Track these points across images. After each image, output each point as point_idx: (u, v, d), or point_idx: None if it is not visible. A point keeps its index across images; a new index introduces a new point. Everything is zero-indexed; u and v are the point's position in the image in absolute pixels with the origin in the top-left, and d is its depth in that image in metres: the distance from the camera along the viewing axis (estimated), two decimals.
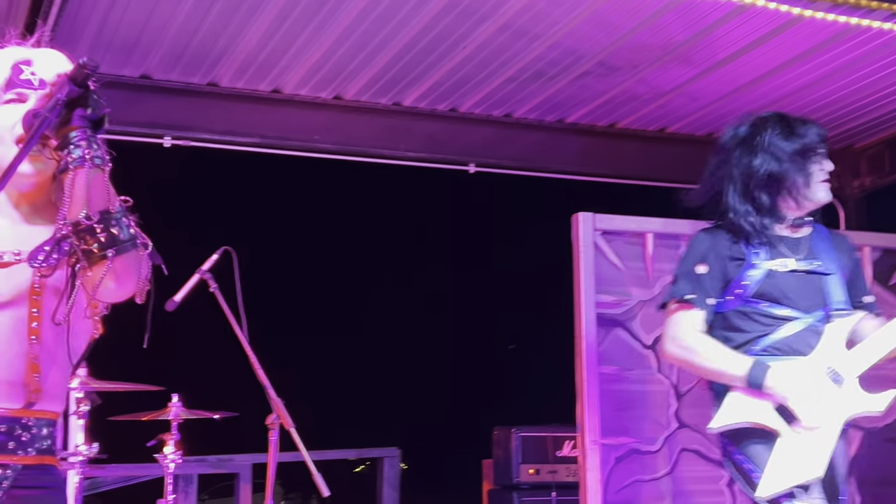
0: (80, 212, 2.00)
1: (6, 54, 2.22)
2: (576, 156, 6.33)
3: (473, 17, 4.88)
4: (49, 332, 2.14)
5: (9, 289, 2.13)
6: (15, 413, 2.12)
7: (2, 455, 2.09)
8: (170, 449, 4.72)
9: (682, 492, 5.06)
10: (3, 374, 2.11)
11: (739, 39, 5.16)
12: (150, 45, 5.13)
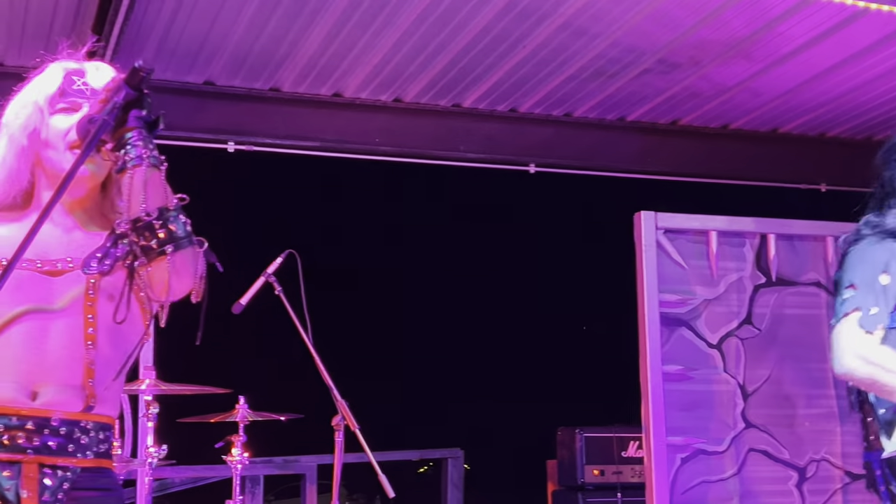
0: (138, 209, 2.04)
1: (59, 65, 2.30)
2: (637, 154, 6.30)
3: (532, 17, 4.89)
4: (104, 337, 2.19)
5: (64, 296, 2.17)
6: (74, 416, 2.16)
7: (62, 457, 2.13)
8: (237, 450, 4.77)
9: (750, 492, 5.03)
10: (61, 379, 2.15)
11: (803, 34, 5.10)
12: (214, 51, 5.20)
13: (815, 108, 6.05)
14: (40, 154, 2.24)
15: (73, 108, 2.23)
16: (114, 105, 2.03)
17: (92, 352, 2.17)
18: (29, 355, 2.14)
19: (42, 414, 2.13)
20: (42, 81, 2.28)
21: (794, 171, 6.51)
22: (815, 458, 5.16)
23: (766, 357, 5.15)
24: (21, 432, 2.11)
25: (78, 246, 2.21)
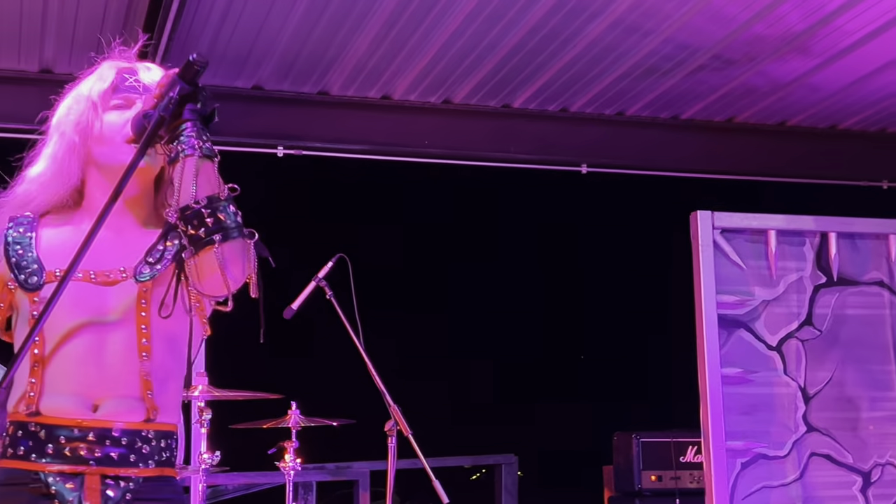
0: (190, 197, 2.02)
1: (111, 63, 2.32)
2: (692, 153, 6.27)
3: (583, 14, 4.87)
4: (159, 347, 2.19)
5: (117, 307, 2.18)
6: (135, 426, 2.16)
7: (124, 468, 2.14)
8: (289, 457, 4.80)
9: (813, 497, 4.97)
10: (121, 392, 2.15)
11: (861, 28, 5.04)
12: (262, 56, 5.25)
13: (875, 102, 6.00)
14: (93, 151, 2.24)
15: (127, 104, 2.24)
16: (169, 100, 2.03)
17: (147, 363, 2.17)
18: (88, 370, 2.14)
19: (103, 425, 2.13)
20: (95, 79, 2.29)
21: (854, 168, 6.45)
22: (880, 463, 5.10)
23: (827, 359, 5.09)
24: (83, 444, 2.12)
25: (131, 250, 2.21)
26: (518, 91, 5.76)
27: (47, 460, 2.11)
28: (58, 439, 2.11)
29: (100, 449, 2.12)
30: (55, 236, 2.23)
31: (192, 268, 2.05)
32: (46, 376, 2.13)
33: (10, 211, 2.27)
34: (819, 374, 5.07)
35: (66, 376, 2.13)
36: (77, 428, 2.12)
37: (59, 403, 2.13)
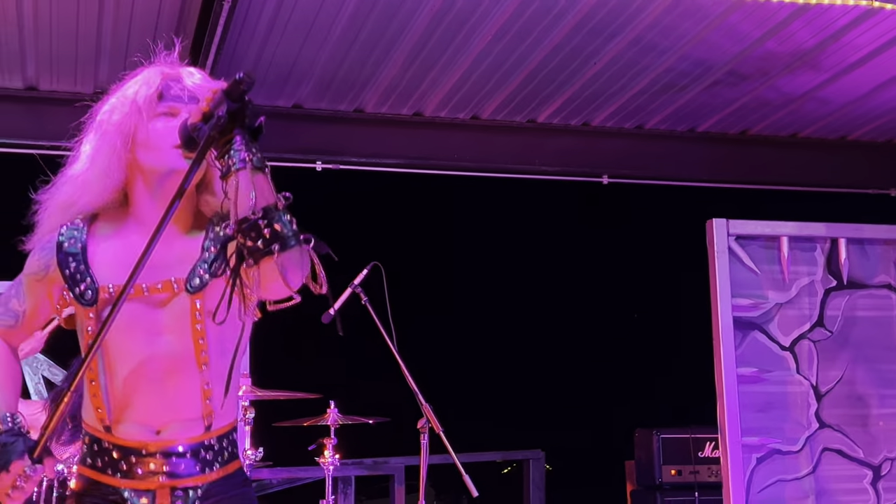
0: (246, 210, 1.95)
1: (156, 69, 2.25)
2: (708, 163, 6.25)
3: (604, 33, 4.87)
4: (215, 355, 2.17)
5: (171, 322, 2.15)
6: (197, 439, 2.17)
7: (191, 478, 2.15)
8: (329, 452, 4.81)
9: (826, 490, 4.94)
10: (183, 415, 2.15)
11: (869, 43, 5.01)
12: (301, 77, 5.28)
13: (883, 114, 5.96)
14: (138, 156, 2.18)
15: (172, 112, 2.18)
16: (217, 118, 1.97)
17: (206, 372, 2.16)
18: (151, 398, 2.14)
19: (168, 444, 2.14)
20: (140, 84, 2.22)
21: (863, 177, 6.41)
22: (890, 457, 5.07)
23: (838, 358, 5.06)
24: (152, 461, 2.13)
25: (179, 259, 2.16)
26: (542, 107, 5.76)
27: (121, 476, 2.13)
28: (129, 459, 2.13)
29: (167, 465, 2.14)
30: (106, 248, 2.19)
31: (254, 277, 2.00)
32: (112, 400, 2.14)
33: (57, 213, 2.22)
34: (830, 373, 5.04)
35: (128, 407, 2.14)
36: (144, 449, 2.13)
37: (127, 429, 2.14)
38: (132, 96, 2.19)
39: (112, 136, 2.17)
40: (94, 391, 2.14)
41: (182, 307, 2.14)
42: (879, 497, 5.01)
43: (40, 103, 5.36)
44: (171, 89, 2.20)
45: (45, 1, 4.47)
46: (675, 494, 5.66)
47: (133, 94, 2.19)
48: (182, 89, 2.20)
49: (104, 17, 4.62)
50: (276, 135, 5.58)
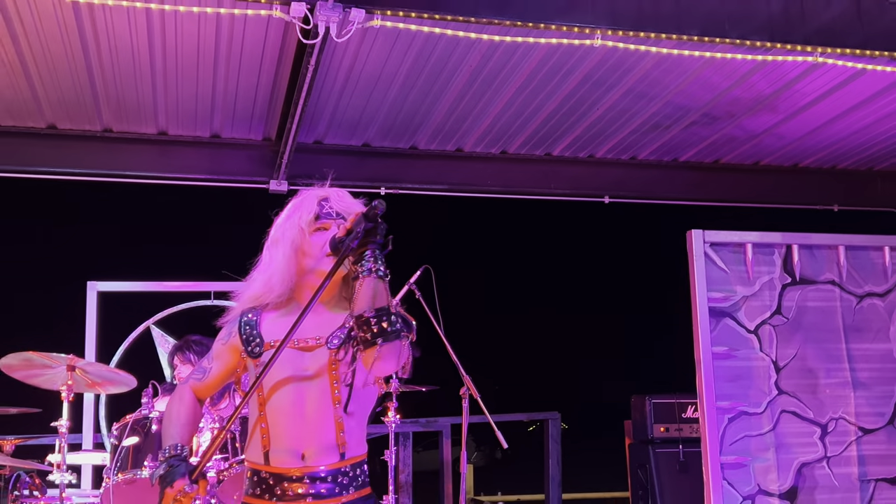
0: (364, 308, 2.07)
1: (313, 195, 2.34)
2: (688, 186, 6.23)
3: (604, 85, 4.88)
4: (346, 396, 2.19)
5: (314, 366, 2.20)
6: (335, 465, 2.18)
7: (332, 499, 2.17)
8: (391, 413, 4.83)
9: (783, 444, 4.90)
10: (321, 441, 2.18)
11: (816, 90, 4.98)
12: (368, 122, 5.32)
13: (827, 146, 5.91)
14: (302, 261, 2.26)
15: (325, 227, 2.27)
16: (356, 234, 2.10)
17: (339, 409, 2.18)
18: (292, 425, 2.17)
19: (312, 470, 2.17)
20: (301, 207, 2.31)
21: (811, 196, 6.36)
22: (834, 417, 5.01)
23: (792, 339, 5.01)
24: (300, 485, 2.16)
25: (324, 325, 2.23)
26: (556, 143, 5.77)
27: (276, 499, 2.17)
28: (282, 484, 2.17)
29: (312, 487, 2.16)
30: (273, 320, 2.27)
31: (360, 357, 2.12)
32: (271, 429, 2.19)
33: (248, 303, 2.31)
34: (787, 351, 5.00)
35: (281, 435, 2.18)
36: (294, 475, 2.16)
37: (280, 457, 2.18)
38: (297, 220, 2.29)
39: (287, 252, 2.27)
40: (261, 422, 2.20)
41: (323, 357, 2.20)
42: (826, 449, 4.95)
43: (168, 145, 5.45)
44: (324, 209, 2.29)
45: (173, 69, 4.56)
46: (664, 447, 5.63)
47: (297, 218, 2.29)
48: (331, 209, 2.29)
49: (217, 79, 4.70)
50: (350, 166, 5.65)
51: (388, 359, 2.09)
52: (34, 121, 5.16)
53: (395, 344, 2.08)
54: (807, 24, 4.11)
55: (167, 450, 2.20)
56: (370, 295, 2.08)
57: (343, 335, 2.20)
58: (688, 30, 3.99)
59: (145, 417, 3.72)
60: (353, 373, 2.18)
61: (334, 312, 2.26)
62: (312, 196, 2.33)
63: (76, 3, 3.84)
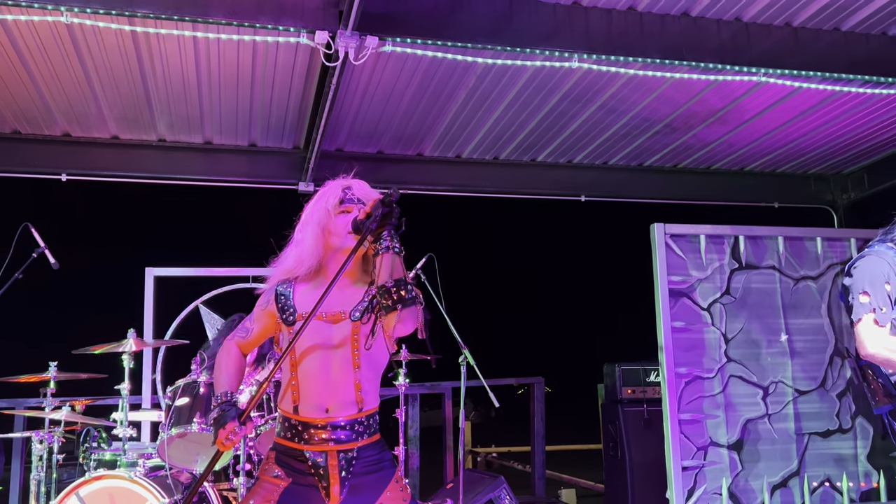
0: (385, 279, 2.10)
1: (338, 183, 2.35)
2: (652, 187, 6.22)
3: (581, 100, 4.87)
4: (364, 362, 2.22)
5: (338, 336, 2.22)
6: (352, 416, 2.21)
7: (349, 444, 2.20)
8: (401, 378, 4.84)
9: (731, 404, 4.90)
10: (342, 398, 2.20)
11: (760, 105, 4.97)
12: (382, 133, 5.32)
13: (769, 153, 5.90)
14: (328, 240, 2.28)
15: (348, 210, 2.28)
16: (374, 217, 2.13)
17: (358, 373, 2.20)
18: (319, 385, 2.19)
19: (334, 420, 2.19)
20: (328, 193, 2.33)
21: (755, 195, 6.36)
22: (774, 381, 5.01)
23: (739, 316, 5.02)
24: (324, 432, 2.19)
25: (348, 300, 2.24)
26: (540, 150, 5.76)
27: (304, 443, 2.20)
28: (308, 431, 2.19)
29: (333, 434, 2.19)
30: (304, 292, 2.28)
31: (383, 322, 2.14)
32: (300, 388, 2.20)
33: (281, 275, 2.32)
34: (734, 325, 5.00)
35: (309, 392, 2.20)
36: (319, 424, 2.19)
37: (307, 410, 2.20)
38: (324, 203, 2.31)
39: (315, 231, 2.28)
40: (293, 381, 2.21)
41: (346, 329, 2.22)
42: (767, 407, 4.96)
43: (213, 152, 5.44)
44: (347, 195, 2.31)
45: (216, 88, 4.55)
46: (631, 406, 5.64)
47: (324, 202, 2.30)
48: (353, 195, 2.31)
49: (254, 96, 4.69)
50: (366, 170, 5.58)
51: (407, 321, 2.11)
52: (100, 132, 5.16)
53: (412, 308, 2.10)
54: (752, 48, 4.10)
55: (219, 396, 2.21)
56: (389, 268, 2.10)
57: (363, 307, 2.22)
58: (651, 54, 3.98)
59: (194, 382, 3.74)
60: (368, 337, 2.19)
61: (357, 287, 2.27)
62: (337, 184, 2.35)
63: (134, 33, 3.84)
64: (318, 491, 2.18)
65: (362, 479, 2.19)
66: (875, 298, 2.83)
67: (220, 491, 3.77)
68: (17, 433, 4.81)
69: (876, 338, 2.79)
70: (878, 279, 2.85)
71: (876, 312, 2.82)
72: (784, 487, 4.89)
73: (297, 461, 2.20)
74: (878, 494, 5.08)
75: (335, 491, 2.17)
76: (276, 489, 2.15)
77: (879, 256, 2.90)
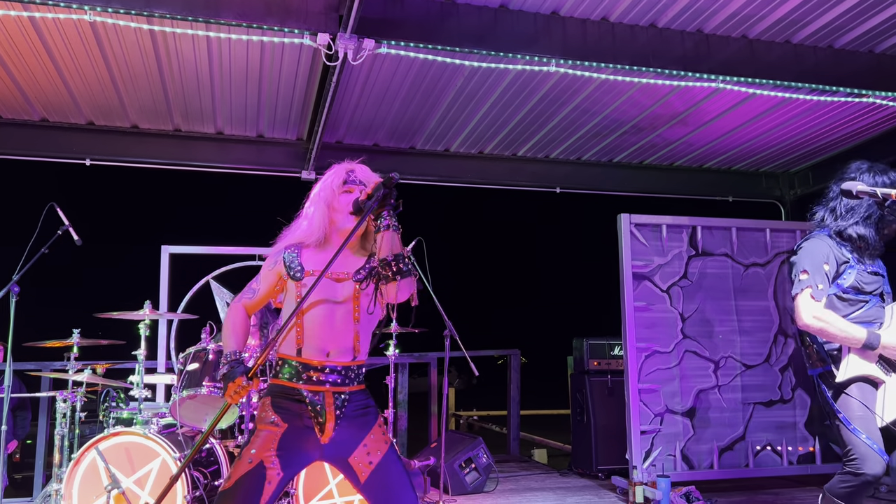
0: (386, 253, 2.15)
1: (341, 167, 2.37)
2: (619, 181, 6.23)
3: (557, 102, 4.86)
4: (363, 318, 2.25)
5: (343, 294, 2.25)
6: (347, 364, 2.23)
7: (343, 387, 2.22)
8: (391, 349, 4.85)
9: (685, 375, 4.96)
10: (341, 345, 2.22)
11: (717, 109, 4.98)
12: (378, 127, 5.29)
13: (725, 152, 5.92)
14: (332, 216, 2.31)
15: (350, 190, 2.30)
16: (376, 197, 2.17)
17: (357, 326, 2.23)
18: (323, 331, 2.21)
19: (331, 363, 2.20)
20: (333, 176, 2.35)
21: (713, 189, 6.38)
22: (724, 356, 5.07)
23: (695, 298, 5.06)
24: (322, 374, 2.20)
25: (350, 265, 2.28)
26: (520, 146, 5.76)
27: (303, 383, 2.19)
28: (308, 372, 2.20)
29: (331, 377, 2.20)
30: (311, 255, 2.31)
31: (383, 289, 2.20)
32: (305, 333, 2.22)
33: (287, 242, 2.34)
34: (690, 306, 5.04)
35: (313, 337, 2.21)
36: (318, 366, 2.20)
37: (310, 353, 2.21)
38: (330, 183, 2.33)
39: (321, 205, 2.31)
40: (299, 327, 2.23)
41: (349, 288, 2.25)
42: (718, 379, 5.01)
43: (224, 142, 5.41)
44: (349, 177, 2.33)
45: (227, 83, 4.51)
46: (597, 377, 5.69)
47: (330, 182, 2.33)
48: (355, 177, 2.33)
49: (262, 92, 4.65)
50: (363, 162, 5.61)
51: (404, 290, 2.17)
52: (121, 122, 5.11)
53: (409, 279, 2.17)
54: (711, 57, 4.10)
55: (228, 355, 2.23)
56: (389, 244, 2.15)
57: (365, 273, 2.26)
58: (621, 61, 3.97)
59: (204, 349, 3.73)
60: (370, 301, 2.24)
61: (357, 256, 2.32)
62: (342, 167, 2.38)
63: (153, 32, 3.79)
64: (311, 431, 2.19)
65: (352, 420, 2.21)
66: (813, 276, 2.93)
67: (227, 447, 3.78)
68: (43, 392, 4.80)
69: (810, 310, 2.90)
70: (817, 259, 2.95)
71: (812, 288, 2.91)
72: (731, 450, 4.96)
73: (293, 402, 2.20)
74: (813, 458, 5.18)
75: (329, 427, 2.19)
76: (274, 435, 2.15)
77: (821, 240, 2.99)
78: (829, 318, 2.88)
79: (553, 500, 4.69)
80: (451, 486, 4.90)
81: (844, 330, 2.86)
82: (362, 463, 2.18)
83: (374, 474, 2.17)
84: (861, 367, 2.87)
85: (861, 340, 2.85)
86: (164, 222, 10.87)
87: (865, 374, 2.86)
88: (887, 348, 2.84)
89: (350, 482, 2.21)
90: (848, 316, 2.92)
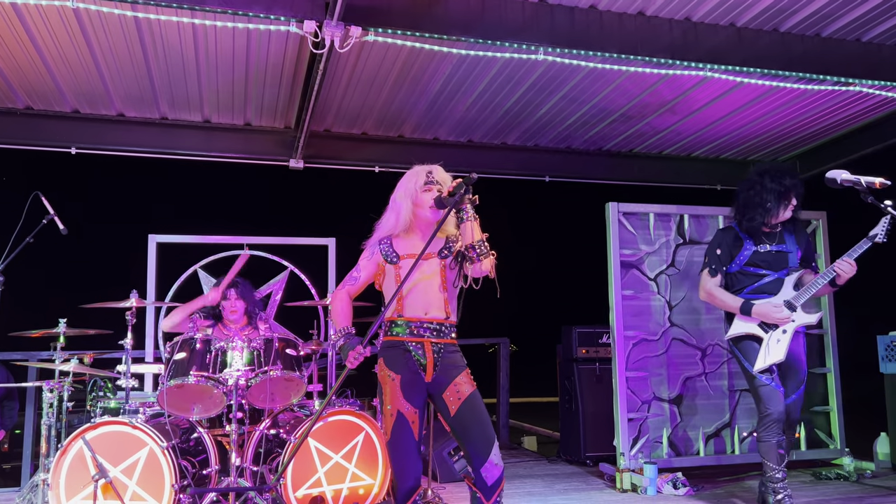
0: (469, 240, 2.65)
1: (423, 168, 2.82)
2: (608, 169, 6.25)
3: (545, 91, 4.86)
4: (449, 287, 2.76)
5: (430, 269, 2.75)
6: (441, 321, 2.74)
7: (438, 339, 2.72)
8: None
9: (673, 363, 5.00)
10: (436, 307, 2.73)
11: (706, 97, 5.00)
12: (366, 116, 5.28)
13: (713, 141, 5.94)
14: (415, 210, 2.78)
15: (429, 189, 2.77)
16: (459, 194, 2.64)
17: (444, 294, 2.75)
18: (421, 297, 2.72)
19: (430, 320, 2.72)
20: (416, 174, 2.80)
21: (701, 178, 6.41)
22: (711, 344, 5.12)
23: (682, 286, 5.10)
24: (422, 328, 2.71)
25: (434, 245, 2.77)
26: (510, 134, 5.76)
27: (406, 335, 2.71)
28: (410, 327, 2.71)
29: (429, 331, 2.71)
30: (401, 241, 2.81)
31: (467, 268, 2.71)
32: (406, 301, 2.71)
33: (381, 234, 2.83)
34: (678, 294, 5.08)
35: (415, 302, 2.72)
36: (419, 321, 2.71)
37: (412, 312, 2.72)
38: (413, 182, 2.79)
39: (407, 201, 2.78)
40: (400, 296, 2.70)
41: (436, 265, 2.76)
42: (705, 367, 5.06)
43: (212, 130, 5.38)
44: (429, 177, 2.79)
45: (214, 71, 4.48)
46: (585, 364, 5.73)
47: (413, 181, 2.80)
48: (434, 178, 2.79)
49: (249, 79, 4.63)
50: (352, 150, 5.60)
51: (484, 268, 2.65)
52: (107, 110, 5.07)
53: (487, 259, 2.64)
54: (700, 46, 4.11)
55: (341, 330, 2.69)
56: (471, 232, 2.64)
57: (448, 252, 2.75)
58: (609, 49, 3.98)
59: (191, 338, 3.73)
60: (456, 276, 2.74)
61: (439, 238, 2.79)
62: (423, 169, 2.80)
63: (137, 18, 3.76)
64: (418, 374, 2.67)
65: (446, 366, 2.69)
66: (710, 258, 3.86)
67: (215, 436, 3.78)
68: (30, 383, 4.78)
69: (703, 285, 3.86)
70: (713, 245, 3.89)
71: (707, 268, 3.87)
72: (717, 437, 5.02)
73: (401, 353, 2.68)
74: (799, 444, 5.25)
75: (430, 369, 2.68)
76: (395, 385, 2.66)
77: (724, 231, 3.90)
78: (715, 291, 3.81)
79: (541, 486, 4.73)
80: (440, 473, 4.93)
81: (724, 300, 3.77)
82: (452, 398, 2.66)
83: (461, 409, 2.62)
84: (745, 327, 3.71)
85: (737, 308, 3.72)
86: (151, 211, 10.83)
87: (749, 332, 3.70)
88: (759, 314, 3.66)
89: (441, 418, 2.70)
90: (748, 287, 3.75)
